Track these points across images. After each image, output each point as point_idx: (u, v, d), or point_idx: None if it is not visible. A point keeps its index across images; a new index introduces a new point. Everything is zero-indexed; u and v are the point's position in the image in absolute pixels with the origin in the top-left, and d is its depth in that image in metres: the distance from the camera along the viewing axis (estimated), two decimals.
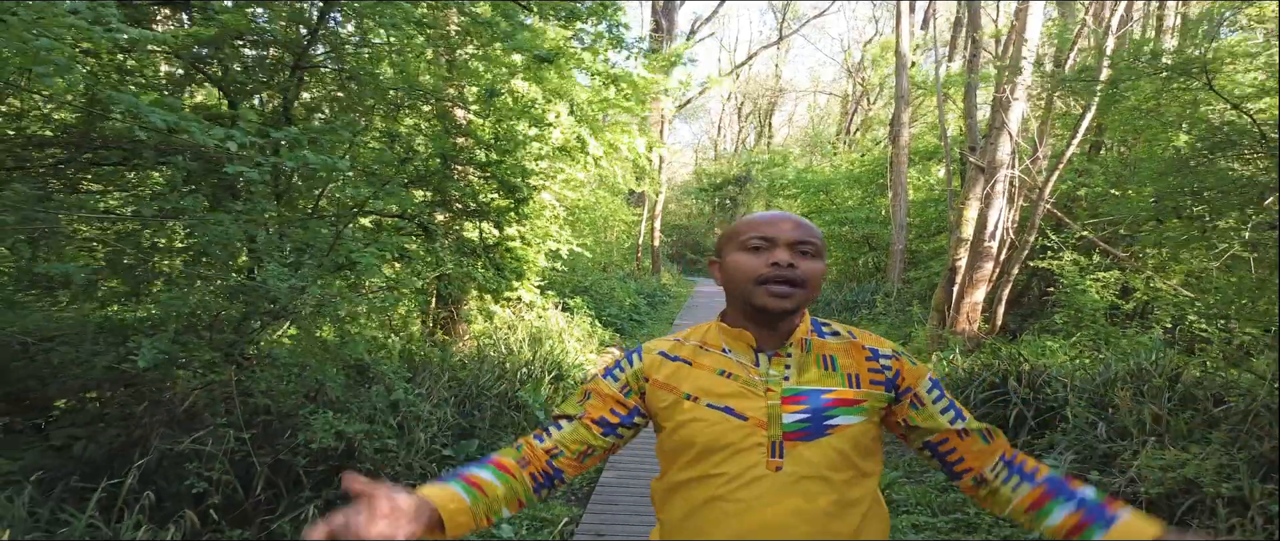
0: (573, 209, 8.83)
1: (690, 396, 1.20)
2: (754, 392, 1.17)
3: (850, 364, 1.20)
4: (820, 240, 1.22)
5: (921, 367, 1.24)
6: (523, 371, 5.92)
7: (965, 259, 7.81)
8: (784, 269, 1.15)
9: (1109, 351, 5.91)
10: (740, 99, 34.80)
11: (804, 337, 1.21)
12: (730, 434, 1.15)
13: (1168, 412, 3.94)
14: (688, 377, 1.22)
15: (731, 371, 1.20)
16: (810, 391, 1.16)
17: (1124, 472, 3.32)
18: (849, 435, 1.15)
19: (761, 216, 1.23)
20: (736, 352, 1.21)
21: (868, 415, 1.17)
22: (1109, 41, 6.66)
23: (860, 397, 1.17)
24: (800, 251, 1.18)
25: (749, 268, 1.18)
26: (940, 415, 1.20)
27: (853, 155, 18.81)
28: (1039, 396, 4.63)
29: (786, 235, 1.18)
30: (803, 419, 1.14)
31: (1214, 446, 3.05)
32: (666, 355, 1.27)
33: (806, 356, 1.20)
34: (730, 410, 1.16)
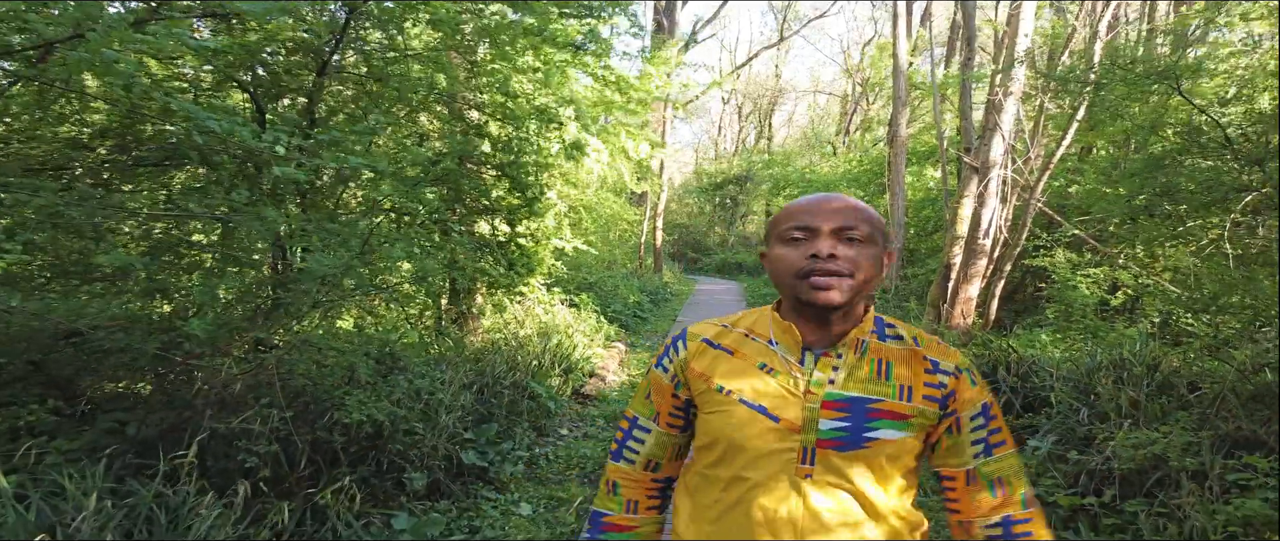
0: (576, 207, 9.07)
1: (723, 389, 1.13)
2: (793, 393, 1.10)
3: (906, 374, 1.11)
4: (873, 221, 1.11)
5: (980, 392, 1.14)
6: (533, 363, 6.17)
7: (960, 256, 8.06)
8: (824, 260, 1.07)
9: (1095, 344, 6.16)
10: (741, 99, 35.05)
11: (860, 338, 1.13)
12: (760, 435, 1.09)
13: (1145, 398, 4.19)
14: (726, 368, 1.15)
15: (773, 367, 1.12)
16: (855, 399, 1.08)
17: (1101, 452, 3.57)
18: (889, 450, 1.07)
19: (802, 203, 1.13)
20: (783, 347, 1.14)
21: (914, 432, 1.09)
22: (1097, 45, 6.91)
23: (910, 412, 1.09)
24: (846, 238, 1.08)
25: (789, 262, 1.10)
26: (968, 446, 1.12)
27: (852, 155, 19.06)
28: (1027, 385, 4.88)
29: (828, 222, 1.09)
30: (841, 427, 1.07)
31: (1181, 426, 3.30)
32: (710, 342, 1.20)
33: (859, 359, 1.12)
34: (763, 409, 1.10)
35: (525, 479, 4.50)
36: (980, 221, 7.79)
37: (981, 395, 1.13)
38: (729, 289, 19.14)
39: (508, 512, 3.96)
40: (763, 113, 34.61)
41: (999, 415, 1.14)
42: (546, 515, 4.05)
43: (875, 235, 1.10)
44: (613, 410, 6.23)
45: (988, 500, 1.10)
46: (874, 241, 1.10)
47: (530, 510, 4.05)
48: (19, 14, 2.30)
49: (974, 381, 1.14)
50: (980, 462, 1.11)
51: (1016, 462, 1.13)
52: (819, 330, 1.12)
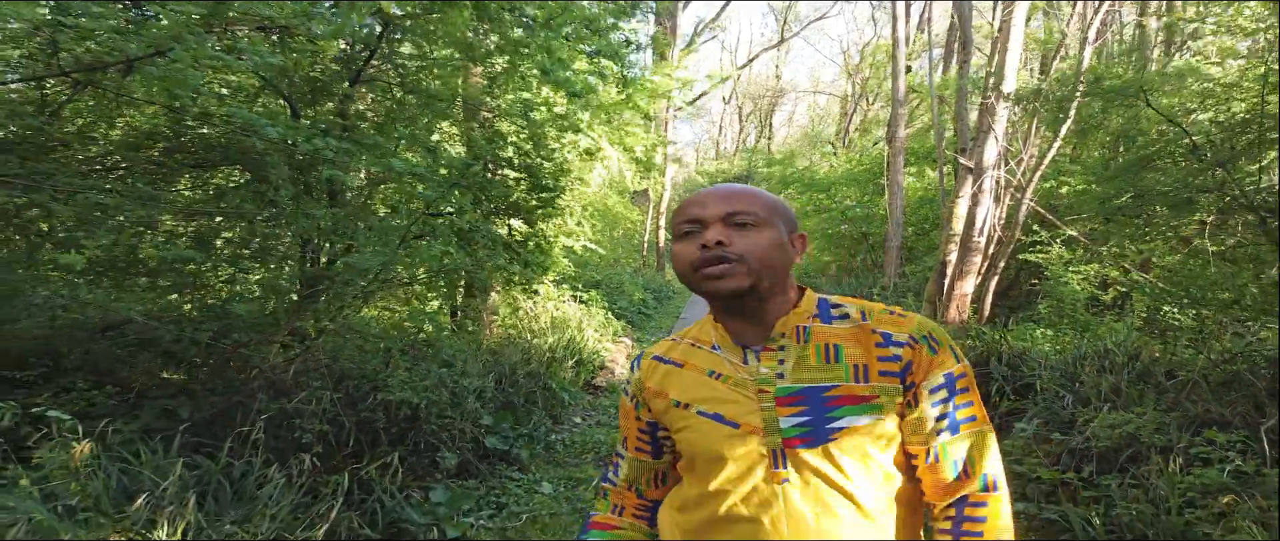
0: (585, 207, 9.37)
1: (680, 404, 1.10)
2: (746, 394, 1.05)
3: (857, 352, 1.05)
4: (767, 204, 1.07)
5: (941, 360, 1.05)
6: (547, 356, 6.47)
7: (955, 253, 8.36)
8: (713, 248, 1.02)
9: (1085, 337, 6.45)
10: (741, 99, 35.34)
11: (800, 325, 1.07)
12: (725, 443, 1.04)
13: (1125, 384, 4.48)
14: (678, 382, 1.12)
15: (720, 371, 1.08)
16: (809, 389, 1.03)
17: (1081, 432, 3.87)
18: (861, 436, 1.01)
19: (692, 197, 1.10)
20: (725, 349, 1.10)
21: (883, 411, 1.02)
22: (1087, 51, 7.20)
23: (870, 393, 1.02)
24: (734, 224, 1.04)
25: (684, 257, 1.06)
26: (930, 421, 1.03)
27: (852, 155, 19.35)
28: (1016, 373, 5.18)
29: (714, 211, 1.05)
30: (803, 422, 1.01)
31: (1154, 408, 3.60)
32: (660, 359, 1.17)
33: (804, 347, 1.06)
34: (720, 417, 1.05)
35: (544, 461, 4.79)
36: (975, 220, 8.09)
37: (944, 363, 1.04)
38: None
39: (531, 490, 4.26)
40: (763, 113, 34.90)
41: (971, 387, 1.05)
42: (566, 493, 4.34)
43: (771, 218, 1.06)
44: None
45: (949, 480, 1.02)
46: (770, 224, 1.05)
47: (551, 488, 4.34)
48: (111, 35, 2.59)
49: (933, 349, 1.04)
50: (943, 440, 1.02)
51: (984, 440, 1.03)
52: (750, 325, 1.07)
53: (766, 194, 1.09)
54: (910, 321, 1.07)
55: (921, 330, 1.06)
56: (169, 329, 3.94)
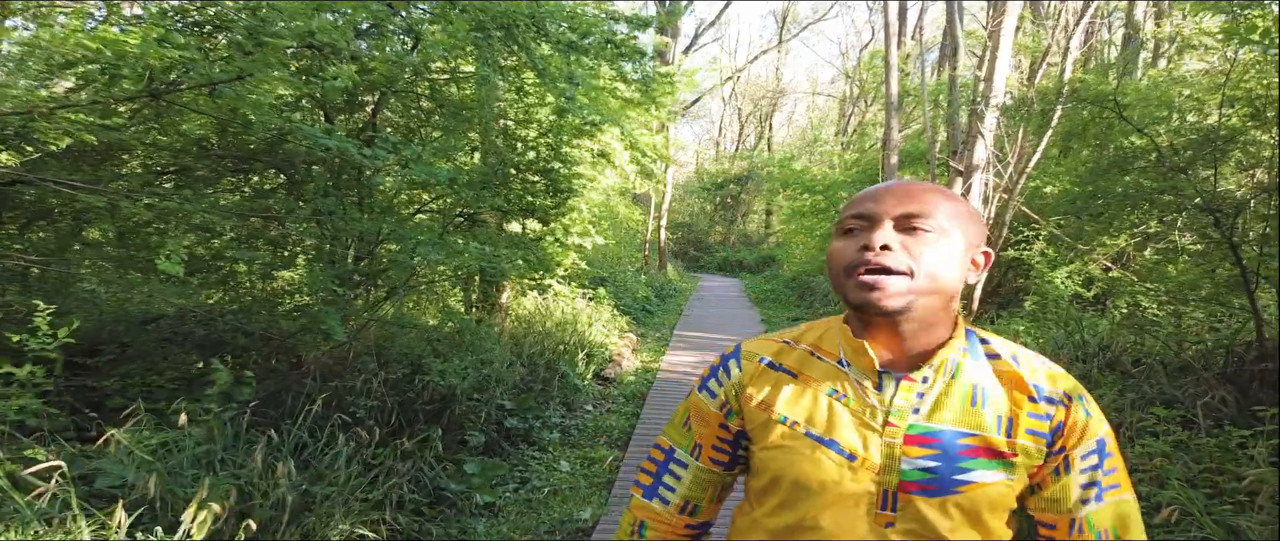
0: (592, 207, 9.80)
1: (786, 420, 0.96)
2: (870, 424, 0.92)
3: (1005, 402, 0.93)
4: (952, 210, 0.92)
5: (1096, 423, 0.94)
6: (559, 348, 6.89)
7: None
8: (876, 253, 0.89)
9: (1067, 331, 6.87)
10: (741, 100, 35.75)
11: (950, 357, 0.94)
12: (830, 474, 0.92)
13: (1096, 372, 4.90)
14: (789, 394, 0.98)
15: (845, 392, 0.95)
16: (945, 432, 0.90)
17: None
18: (986, 496, 0.89)
19: (866, 191, 0.96)
20: (856, 369, 0.96)
21: (1017, 474, 0.91)
22: (1069, 59, 7.61)
23: (1010, 450, 0.90)
24: (910, 227, 0.90)
25: (839, 255, 0.93)
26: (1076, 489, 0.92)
27: (850, 155, 19.76)
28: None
29: (889, 208, 0.91)
30: (929, 467, 0.89)
31: (1111, 389, 4.01)
32: (771, 364, 1.02)
33: (949, 383, 0.93)
34: (835, 444, 0.93)
35: (561, 443, 5.21)
36: None
37: (1098, 427, 0.93)
38: (730, 285, 19.83)
39: (551, 468, 4.68)
40: (763, 114, 35.31)
41: (1116, 452, 0.94)
42: (583, 470, 4.75)
43: (956, 226, 0.91)
44: (630, 390, 6.94)
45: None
46: (953, 233, 0.91)
47: (568, 467, 4.76)
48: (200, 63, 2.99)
49: (1088, 411, 0.93)
50: (1089, 510, 0.91)
51: (1132, 510, 0.93)
52: (896, 347, 0.93)
53: (955, 197, 0.94)
54: (1065, 377, 0.95)
55: (1076, 390, 0.94)
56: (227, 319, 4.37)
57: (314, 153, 4.10)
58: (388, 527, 3.10)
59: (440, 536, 3.31)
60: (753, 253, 26.64)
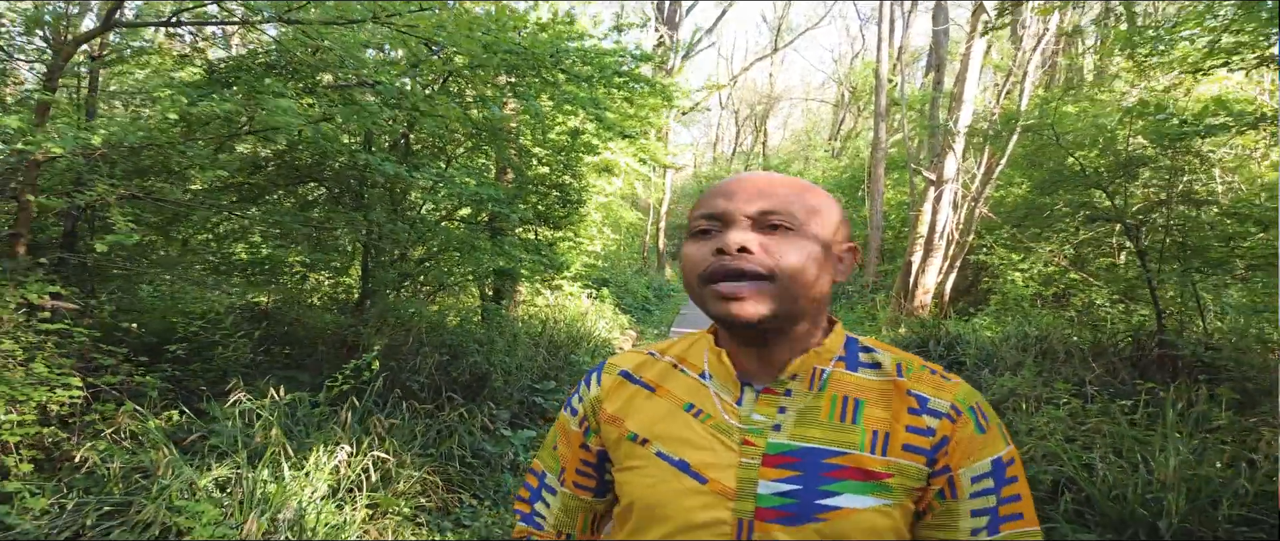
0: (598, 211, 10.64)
1: (636, 437, 0.86)
2: (726, 443, 0.81)
3: (881, 415, 0.80)
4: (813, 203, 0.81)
5: (990, 441, 0.81)
6: (568, 340, 7.73)
7: (919, 254, 9.62)
8: (733, 256, 0.77)
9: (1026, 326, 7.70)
10: (737, 105, 36.62)
11: (818, 367, 0.83)
12: (680, 501, 0.80)
13: (1032, 359, 5.74)
14: (643, 410, 0.88)
15: (703, 408, 0.84)
16: (808, 451, 0.79)
17: (986, 389, 5.13)
18: (856, 525, 0.76)
19: (718, 186, 0.84)
20: (717, 381, 0.85)
21: (895, 499, 0.77)
22: (1028, 83, 8.46)
23: (884, 470, 0.78)
24: (768, 225, 0.79)
25: (693, 261, 0.81)
26: (965, 517, 0.79)
27: (841, 162, 20.62)
28: (950, 353, 6.43)
29: (744, 205, 0.80)
30: (787, 491, 0.77)
31: (1031, 371, 4.85)
32: (629, 376, 0.92)
33: (816, 396, 0.82)
34: (685, 466, 0.81)
35: None
36: (936, 225, 9.35)
37: (994, 445, 0.81)
38: None
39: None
40: (758, 118, 36.16)
41: (1020, 478, 0.81)
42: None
43: (818, 220, 0.81)
44: None
45: None
46: (816, 228, 0.80)
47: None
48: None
49: (981, 426, 0.81)
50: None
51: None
52: (759, 357, 0.83)
53: (816, 190, 0.85)
54: (956, 387, 0.83)
55: (969, 400, 0.82)
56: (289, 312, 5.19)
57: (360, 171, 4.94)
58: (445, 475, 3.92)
59: (481, 484, 4.13)
60: None
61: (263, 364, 5.32)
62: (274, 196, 6.02)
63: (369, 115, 4.41)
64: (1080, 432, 3.76)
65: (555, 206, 6.49)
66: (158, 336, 5.01)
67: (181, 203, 4.48)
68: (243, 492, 2.94)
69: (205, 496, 2.90)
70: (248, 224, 4.94)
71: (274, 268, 5.52)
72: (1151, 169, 5.22)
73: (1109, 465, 3.27)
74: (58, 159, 3.39)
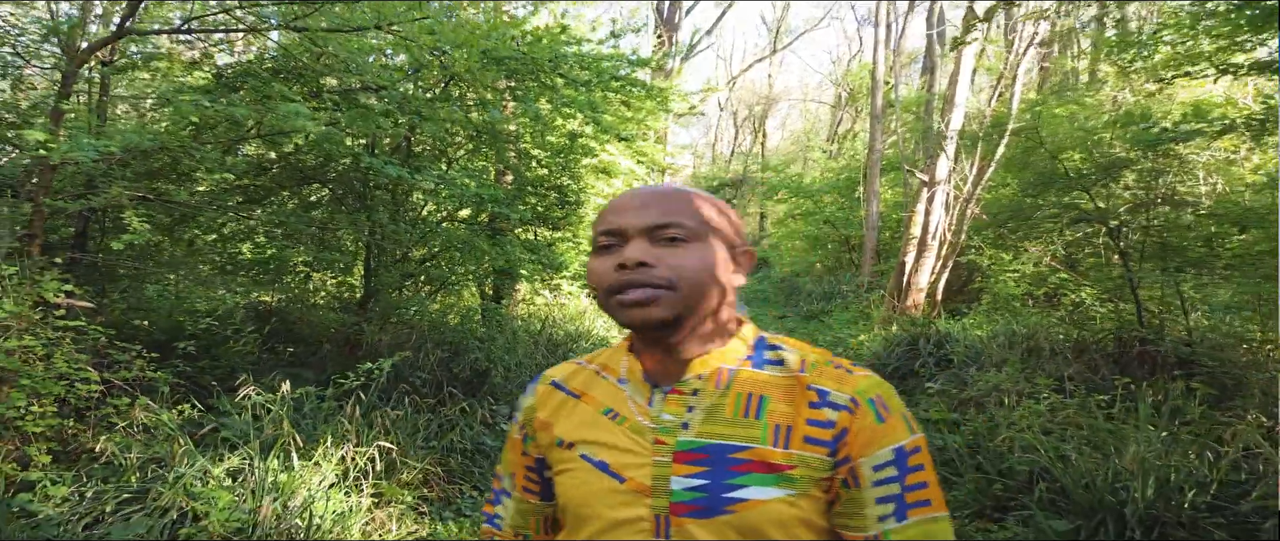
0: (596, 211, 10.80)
1: (563, 442, 0.92)
2: (641, 444, 0.86)
3: (784, 411, 0.85)
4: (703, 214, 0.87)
5: (891, 430, 0.84)
6: (566, 338, 7.88)
7: (913, 254, 9.76)
8: (632, 269, 0.83)
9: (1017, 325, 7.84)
10: (736, 105, 36.78)
11: (723, 366, 0.88)
12: (602, 499, 0.86)
13: (1019, 357, 5.88)
14: (570, 416, 0.94)
15: (619, 411, 0.90)
16: (714, 448, 0.83)
17: (971, 385, 5.27)
18: (765, 516, 0.80)
19: (614, 202, 0.89)
20: (633, 384, 0.91)
21: (798, 489, 0.81)
22: (1017, 87, 8.60)
23: (786, 462, 0.82)
24: (664, 238, 0.84)
25: (598, 276, 0.87)
26: (871, 505, 0.82)
27: (837, 162, 20.77)
28: (939, 351, 6.57)
29: (638, 221, 0.85)
30: (697, 486, 0.82)
31: (1013, 367, 5.00)
32: (559, 385, 0.98)
33: (722, 394, 0.87)
34: (604, 466, 0.87)
35: None
36: (929, 226, 9.49)
37: (894, 434, 0.83)
38: None
39: None
40: (757, 119, 36.31)
41: (926, 465, 0.84)
42: None
43: (710, 230, 0.86)
44: None
45: None
46: (708, 238, 0.86)
47: None
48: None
49: (881, 416, 0.84)
50: (889, 528, 0.81)
51: (939, 531, 0.83)
52: (667, 360, 0.89)
53: (706, 199, 0.90)
54: (857, 379, 0.86)
55: (869, 391, 0.85)
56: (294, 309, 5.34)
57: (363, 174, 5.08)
58: (446, 467, 4.07)
59: (481, 475, 4.28)
60: None
61: (268, 362, 5.46)
62: (279, 198, 6.18)
63: (372, 119, 4.57)
64: (1057, 425, 3.91)
65: (554, 207, 6.63)
66: (166, 334, 5.15)
67: (191, 204, 4.63)
68: (254, 481, 3.08)
69: (218, 485, 3.04)
70: (254, 225, 5.09)
71: (279, 267, 5.67)
72: (1133, 171, 5.37)
73: (1082, 456, 3.41)
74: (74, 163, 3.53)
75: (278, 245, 5.76)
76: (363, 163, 4.48)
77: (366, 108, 4.63)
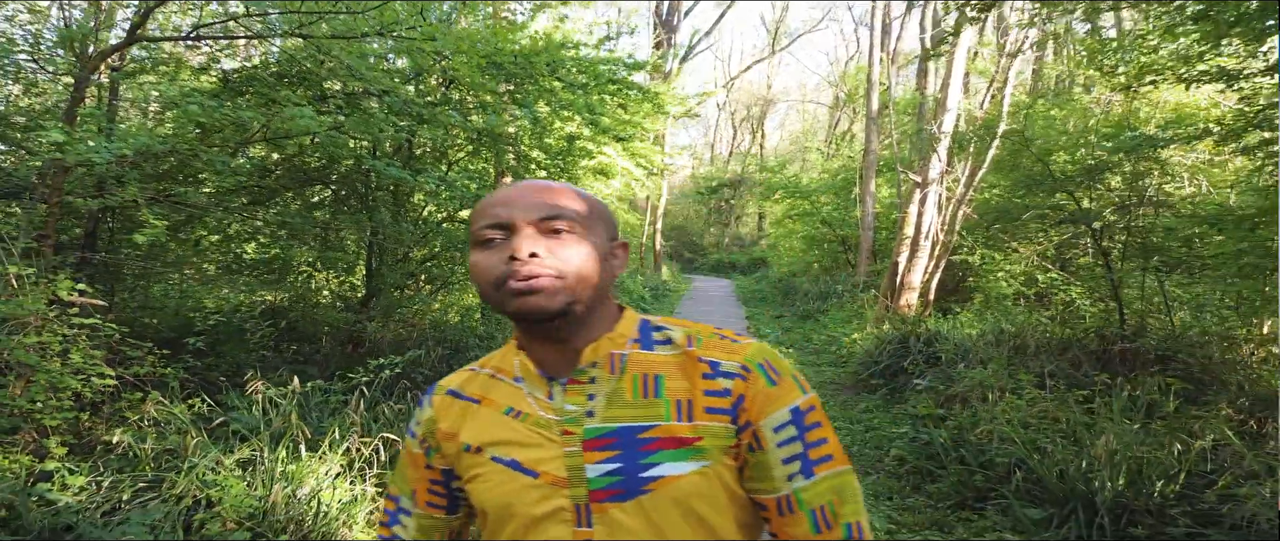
0: None
1: (470, 447, 0.92)
2: (549, 437, 0.87)
3: (681, 385, 0.88)
4: (586, 208, 0.90)
5: (784, 391, 0.87)
6: None
7: (906, 253, 9.91)
8: (524, 261, 0.83)
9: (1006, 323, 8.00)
10: (735, 106, 36.93)
11: (615, 352, 0.90)
12: (520, 497, 0.87)
13: (1004, 354, 6.02)
14: (473, 421, 0.94)
15: (520, 409, 0.91)
16: (622, 430, 0.85)
17: (957, 382, 5.42)
18: (680, 490, 0.83)
19: (497, 195, 0.90)
20: (529, 381, 0.91)
21: (709, 459, 0.84)
22: (1008, 90, 8.75)
23: (693, 435, 0.85)
24: (550, 231, 0.86)
25: (485, 269, 0.87)
26: (777, 466, 0.85)
27: (834, 163, 20.92)
28: (929, 348, 6.72)
29: (526, 214, 0.86)
30: (612, 470, 0.84)
31: (998, 364, 5.14)
32: (456, 393, 0.98)
33: (618, 379, 0.89)
34: (516, 464, 0.88)
35: None
36: (921, 227, 9.64)
37: (788, 395, 0.87)
38: (722, 286, 20.91)
39: None
40: (756, 120, 36.47)
41: (823, 422, 0.88)
42: None
43: (592, 222, 0.89)
44: None
45: (807, 535, 0.85)
46: (591, 230, 0.89)
47: None
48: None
49: (772, 380, 0.87)
50: (797, 486, 0.85)
51: (845, 483, 0.87)
52: (557, 352, 0.89)
53: (583, 194, 0.93)
54: (745, 347, 0.90)
55: (757, 357, 0.89)
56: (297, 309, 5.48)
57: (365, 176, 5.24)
58: None
59: None
60: (745, 254, 27.78)
61: (272, 359, 5.61)
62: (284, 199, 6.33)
63: (376, 123, 4.72)
64: (1035, 419, 4.05)
65: None
66: (174, 332, 5.30)
67: (201, 205, 4.77)
68: (265, 471, 3.22)
69: (230, 474, 3.18)
70: (259, 225, 5.23)
71: (283, 267, 5.82)
72: (1116, 173, 5.52)
73: (1058, 448, 3.56)
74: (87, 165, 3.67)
75: (282, 245, 5.91)
76: (366, 165, 4.62)
77: (369, 111, 4.78)
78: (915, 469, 4.37)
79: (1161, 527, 2.98)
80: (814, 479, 0.85)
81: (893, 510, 3.94)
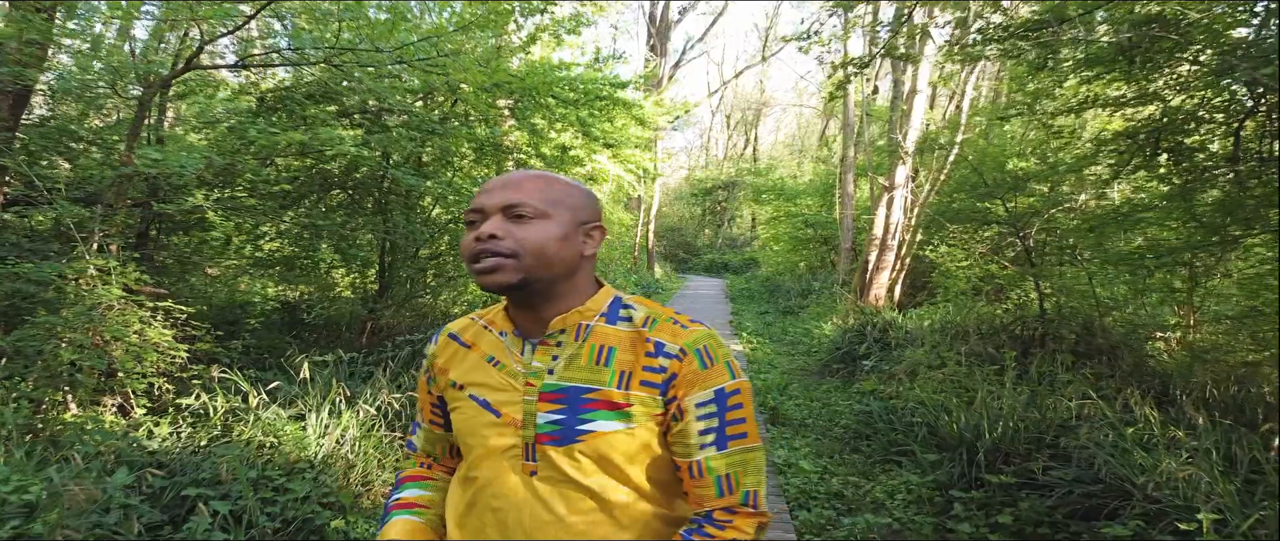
0: None
1: (456, 384, 1.12)
2: (515, 385, 1.06)
3: (627, 359, 1.05)
4: (548, 195, 1.04)
5: (714, 375, 1.04)
6: None
7: (875, 253, 10.72)
8: (485, 242, 1.01)
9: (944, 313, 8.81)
10: (729, 110, 37.77)
11: (582, 322, 1.07)
12: (485, 430, 1.07)
13: (946, 339, 6.84)
14: (462, 362, 1.13)
15: (499, 359, 1.09)
16: (570, 389, 1.04)
17: (900, 362, 6.24)
18: (608, 443, 1.02)
19: (482, 186, 1.08)
20: (510, 338, 1.10)
21: (636, 422, 1.02)
22: (965, 104, 9.58)
23: (624, 401, 1.02)
24: (513, 216, 1.02)
25: (464, 248, 1.05)
26: (694, 436, 1.03)
27: (819, 168, 21.75)
28: (883, 336, 7.54)
29: (494, 201, 1.03)
30: (556, 420, 1.03)
31: (932, 345, 5.96)
32: (454, 337, 1.18)
33: (579, 346, 1.06)
34: (486, 403, 1.08)
35: None
36: (888, 227, 10.45)
37: (717, 378, 1.03)
38: (714, 285, 21.56)
39: None
40: (749, 123, 37.31)
41: (745, 404, 1.05)
42: None
43: (554, 209, 1.04)
44: None
45: (711, 497, 1.03)
46: (550, 215, 1.03)
47: None
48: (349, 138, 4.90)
49: (705, 364, 1.03)
50: (707, 454, 1.02)
51: (752, 459, 1.04)
52: (533, 317, 1.07)
53: (558, 182, 1.07)
54: (689, 333, 1.05)
55: (697, 343, 1.04)
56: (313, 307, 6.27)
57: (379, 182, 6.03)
58: None
59: None
60: (738, 255, 28.52)
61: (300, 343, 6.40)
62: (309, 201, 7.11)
63: (393, 138, 5.50)
64: (947, 388, 4.87)
65: None
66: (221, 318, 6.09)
67: (251, 209, 5.55)
68: (313, 424, 4.01)
69: (286, 425, 3.97)
70: (287, 226, 6.01)
71: (309, 264, 6.61)
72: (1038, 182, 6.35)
73: (957, 409, 4.37)
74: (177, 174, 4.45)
75: (304, 244, 6.69)
76: (389, 173, 5.41)
77: (387, 126, 5.56)
78: (856, 433, 5.19)
79: (1024, 463, 3.79)
80: (726, 451, 1.03)
81: (830, 464, 4.74)
